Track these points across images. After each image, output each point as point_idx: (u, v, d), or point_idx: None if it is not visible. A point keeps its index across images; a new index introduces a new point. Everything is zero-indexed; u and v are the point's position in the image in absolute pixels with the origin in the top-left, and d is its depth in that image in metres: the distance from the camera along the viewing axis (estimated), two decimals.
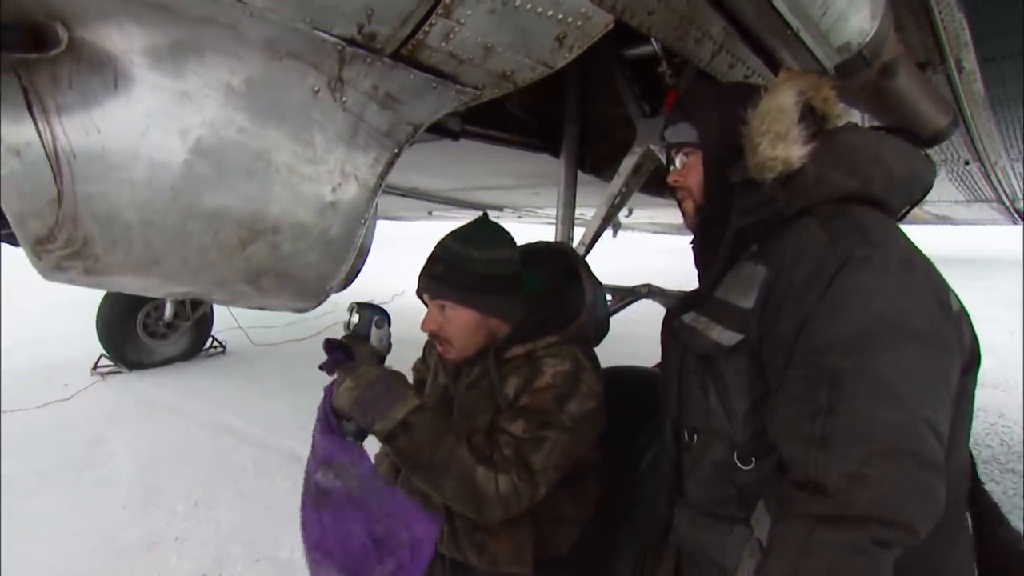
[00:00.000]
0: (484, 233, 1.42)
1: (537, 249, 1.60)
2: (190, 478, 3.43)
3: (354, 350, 1.32)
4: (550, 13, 0.99)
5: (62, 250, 0.89)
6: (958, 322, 0.95)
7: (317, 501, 1.25)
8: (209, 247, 0.95)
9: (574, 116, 2.52)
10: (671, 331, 1.20)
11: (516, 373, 1.39)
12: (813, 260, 0.94)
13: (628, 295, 2.51)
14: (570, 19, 1.01)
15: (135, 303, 5.37)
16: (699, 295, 1.14)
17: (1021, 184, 4.03)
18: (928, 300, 0.91)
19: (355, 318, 1.35)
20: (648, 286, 2.37)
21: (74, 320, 6.43)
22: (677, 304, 1.20)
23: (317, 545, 1.25)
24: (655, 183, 2.51)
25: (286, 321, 7.05)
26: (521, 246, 1.52)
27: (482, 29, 0.97)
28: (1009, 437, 4.26)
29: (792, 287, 0.95)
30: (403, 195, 4.92)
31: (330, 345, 1.33)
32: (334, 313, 7.70)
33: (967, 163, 3.21)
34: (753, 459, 1.03)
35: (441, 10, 0.92)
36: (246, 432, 4.11)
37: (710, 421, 1.08)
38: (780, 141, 1.01)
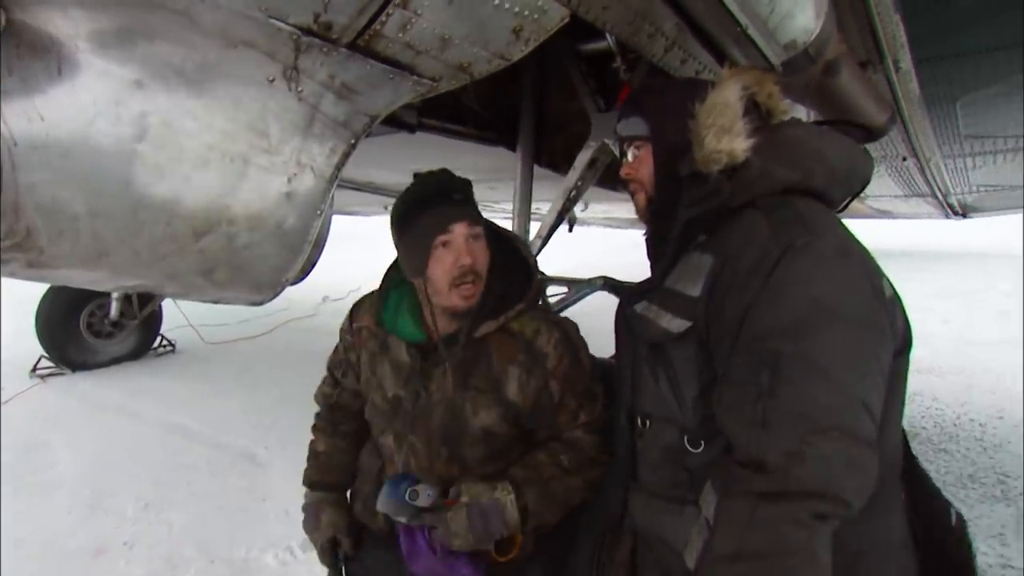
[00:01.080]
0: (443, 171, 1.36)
1: None
2: (140, 480, 3.33)
3: (429, 519, 1.29)
4: (507, 6, 1.00)
5: (3, 241, 0.86)
6: (891, 307, 1.00)
7: None
8: (161, 238, 0.93)
9: (530, 110, 2.54)
10: (624, 320, 1.23)
11: (512, 362, 1.34)
12: (757, 249, 0.98)
13: (584, 287, 2.55)
14: (527, 12, 1.03)
15: (78, 300, 5.16)
16: (651, 285, 1.17)
17: (955, 179, 4.23)
18: (863, 286, 0.96)
19: (400, 519, 1.31)
20: (603, 278, 2.40)
21: (9, 319, 6.13)
22: (629, 294, 1.23)
23: None
24: (610, 177, 2.55)
25: (239, 318, 6.88)
26: None
27: (439, 20, 0.97)
28: (942, 419, 4.50)
29: (737, 275, 0.98)
30: (358, 189, 4.86)
31: (410, 538, 1.33)
32: (289, 310, 7.59)
33: (904, 159, 3.35)
34: (702, 442, 1.06)
35: (398, 0, 0.92)
36: (198, 431, 4.00)
37: (661, 407, 1.11)
38: (725, 134, 1.04)
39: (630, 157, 1.22)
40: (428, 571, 1.33)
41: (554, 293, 2.82)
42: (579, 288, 2.62)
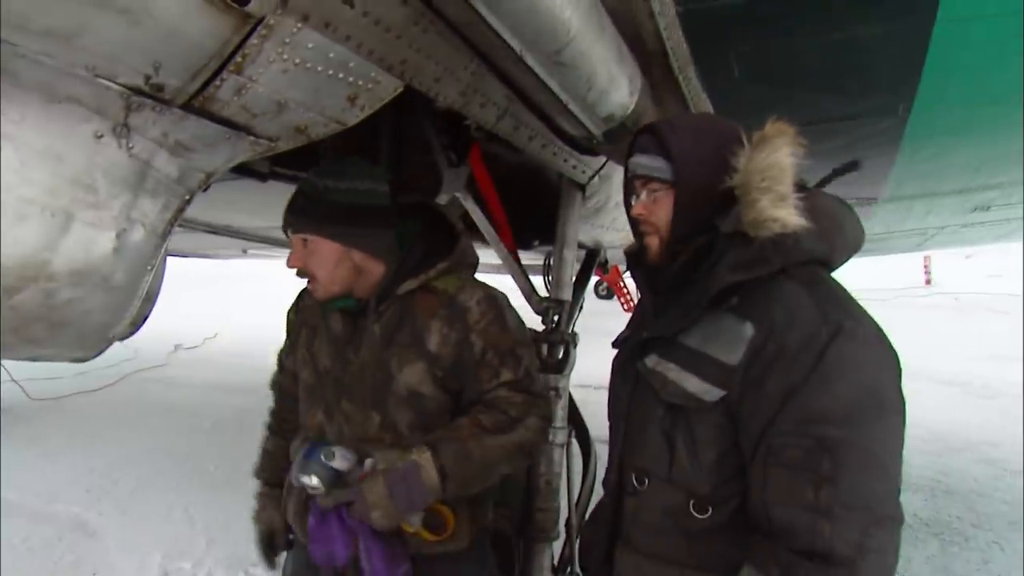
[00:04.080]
0: (348, 166, 1.42)
1: (404, 203, 1.59)
2: None
3: (345, 494, 1.29)
4: (341, 76, 1.08)
5: None
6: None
7: None
8: None
9: (387, 163, 2.61)
10: (627, 371, 1.23)
11: (434, 317, 1.39)
12: (806, 327, 0.99)
13: None
14: (361, 82, 1.11)
15: None
16: (659, 336, 1.15)
17: None
18: (896, 372, 1.02)
19: (313, 479, 1.29)
20: None
21: None
22: (633, 345, 1.23)
23: None
24: None
25: (75, 371, 6.22)
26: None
27: (275, 86, 1.03)
28: None
29: (784, 351, 0.99)
30: (216, 232, 4.65)
31: (320, 514, 1.35)
32: (135, 359, 6.97)
33: None
34: (710, 508, 1.07)
35: (232, 67, 0.96)
36: (17, 503, 3.55)
37: (668, 468, 1.11)
38: (781, 202, 1.03)
39: (643, 196, 1.19)
40: (328, 557, 1.33)
41: None
42: None
